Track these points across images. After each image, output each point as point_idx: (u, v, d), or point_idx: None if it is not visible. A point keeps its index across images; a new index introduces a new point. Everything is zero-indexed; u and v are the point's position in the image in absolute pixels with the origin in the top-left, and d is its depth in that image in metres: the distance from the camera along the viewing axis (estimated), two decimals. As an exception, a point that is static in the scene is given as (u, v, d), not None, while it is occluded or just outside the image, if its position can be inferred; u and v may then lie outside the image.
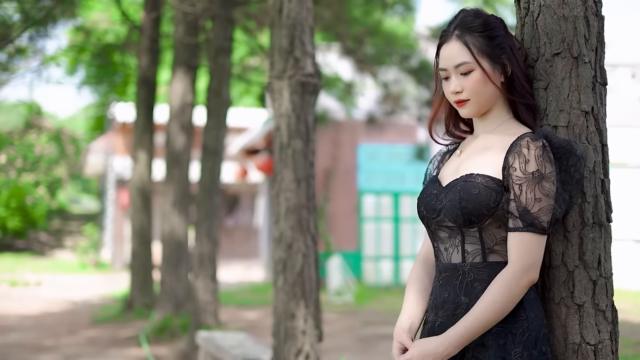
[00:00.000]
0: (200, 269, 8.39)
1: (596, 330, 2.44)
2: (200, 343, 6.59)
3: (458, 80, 2.30)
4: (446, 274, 2.29)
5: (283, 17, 4.64)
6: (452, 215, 2.23)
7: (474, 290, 2.22)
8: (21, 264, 22.74)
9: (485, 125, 2.37)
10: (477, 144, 2.36)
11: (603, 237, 2.48)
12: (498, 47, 2.31)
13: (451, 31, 2.32)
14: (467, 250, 2.24)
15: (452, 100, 2.35)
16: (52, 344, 9.34)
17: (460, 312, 2.22)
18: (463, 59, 2.28)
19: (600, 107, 2.51)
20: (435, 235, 2.34)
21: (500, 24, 2.36)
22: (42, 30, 10.44)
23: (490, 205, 2.18)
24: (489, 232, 2.22)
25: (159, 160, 14.39)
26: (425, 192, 2.38)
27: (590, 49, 2.49)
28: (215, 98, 8.34)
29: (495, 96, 2.33)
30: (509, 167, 2.19)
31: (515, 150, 2.19)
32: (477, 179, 2.22)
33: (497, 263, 2.22)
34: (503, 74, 2.32)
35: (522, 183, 2.17)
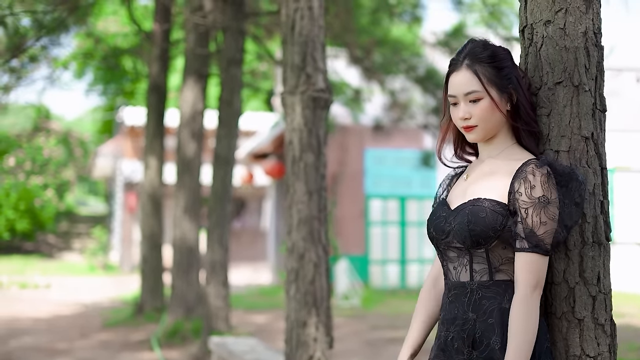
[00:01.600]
0: (212, 275, 8.55)
1: (595, 343, 2.58)
2: (213, 348, 6.75)
3: (467, 107, 2.43)
4: (455, 291, 2.43)
5: (295, 35, 4.79)
6: (460, 237, 2.37)
7: (482, 307, 2.36)
8: (30, 266, 22.93)
9: (490, 150, 2.50)
10: (482, 168, 2.50)
11: (602, 255, 2.62)
12: (505, 77, 2.45)
13: (461, 60, 2.45)
14: (475, 269, 2.39)
15: (460, 126, 2.48)
16: (65, 347, 9.51)
17: (468, 327, 2.36)
18: (473, 88, 2.42)
19: (599, 132, 2.66)
20: (444, 255, 2.48)
21: (507, 55, 2.51)
22: (55, 38, 10.62)
23: (496, 228, 2.32)
24: (496, 252, 2.36)
25: (169, 163, 14.59)
26: (435, 214, 2.52)
27: (590, 77, 2.63)
28: (227, 108, 8.51)
29: (501, 123, 2.47)
30: (515, 192, 2.33)
31: (521, 176, 2.33)
32: (484, 203, 2.36)
33: (503, 281, 2.37)
34: (509, 103, 2.46)
35: (529, 207, 2.31)
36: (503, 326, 2.33)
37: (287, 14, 4.83)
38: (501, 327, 2.33)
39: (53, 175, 29.54)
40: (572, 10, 2.63)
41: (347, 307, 13.41)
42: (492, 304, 2.36)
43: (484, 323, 2.35)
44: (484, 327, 2.34)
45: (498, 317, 2.34)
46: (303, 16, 4.78)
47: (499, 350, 2.31)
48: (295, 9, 4.80)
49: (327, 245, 4.79)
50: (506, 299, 2.36)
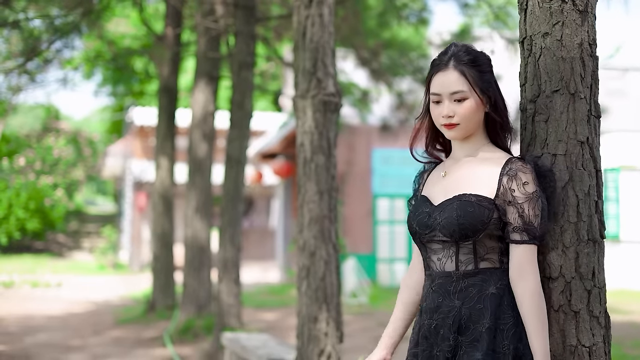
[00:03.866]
0: (224, 273, 8.75)
1: (591, 334, 2.76)
2: (226, 344, 6.93)
3: (452, 106, 2.57)
4: (440, 280, 2.58)
5: (306, 41, 4.97)
6: (448, 231, 2.52)
7: (468, 294, 2.52)
8: (41, 265, 23.13)
9: (467, 149, 2.66)
10: (461, 166, 2.64)
11: (597, 252, 2.80)
12: (487, 81, 2.62)
13: (446, 61, 2.60)
14: (461, 259, 2.54)
15: (440, 123, 2.61)
16: (79, 344, 9.71)
17: (453, 314, 2.51)
18: (460, 88, 2.57)
19: (594, 137, 2.83)
20: (427, 248, 2.63)
21: (488, 60, 2.69)
22: (68, 41, 10.82)
23: (484, 221, 2.49)
24: (482, 243, 2.53)
25: (180, 163, 14.79)
26: (417, 210, 2.67)
27: (585, 86, 2.81)
28: (238, 110, 8.70)
29: (479, 123, 2.64)
30: (508, 188, 2.50)
31: (510, 173, 2.51)
32: (471, 198, 2.51)
33: (487, 269, 2.54)
34: (488, 104, 2.63)
35: (524, 202, 2.49)
36: (491, 310, 2.49)
37: (299, 21, 5.00)
38: (489, 311, 2.48)
39: (63, 175, 29.75)
40: (568, 23, 2.81)
41: (355, 305, 13.58)
42: (478, 291, 2.51)
43: (470, 309, 2.50)
44: (470, 313, 2.49)
45: (486, 302, 2.49)
46: (314, 23, 4.96)
47: (485, 331, 2.46)
48: (306, 16, 4.98)
49: (337, 243, 4.97)
50: (492, 285, 2.52)
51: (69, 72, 14.56)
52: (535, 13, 2.86)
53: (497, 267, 2.55)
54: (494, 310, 2.49)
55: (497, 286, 2.52)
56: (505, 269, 2.57)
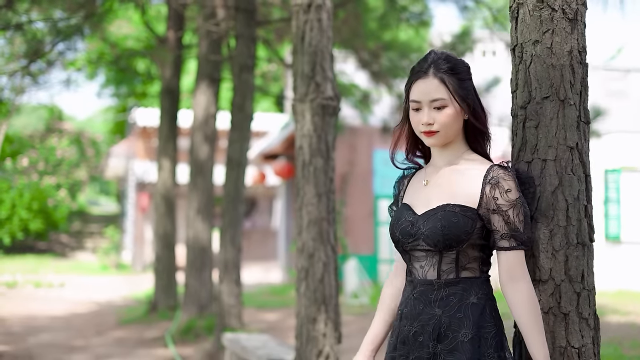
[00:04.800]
0: (225, 274, 8.81)
1: (580, 336, 2.82)
2: (226, 344, 7.00)
3: (431, 113, 2.57)
4: (421, 288, 2.59)
5: (305, 45, 5.04)
6: (432, 241, 2.52)
7: (449, 303, 2.53)
8: (44, 265, 23.22)
9: (447, 157, 2.66)
10: (443, 175, 2.65)
11: (586, 255, 2.86)
12: (466, 89, 2.62)
13: (426, 69, 2.59)
14: (443, 268, 2.55)
15: (420, 130, 2.61)
16: (82, 344, 9.78)
17: (433, 322, 2.53)
18: (440, 96, 2.56)
19: (584, 142, 2.89)
20: (410, 255, 2.63)
21: (467, 68, 2.69)
22: (71, 43, 10.90)
23: (468, 231, 2.50)
24: (465, 253, 2.54)
25: (182, 163, 14.85)
26: (400, 218, 2.66)
27: (575, 92, 2.87)
28: (239, 112, 8.76)
29: (458, 130, 2.64)
30: (492, 197, 2.51)
31: (492, 182, 2.52)
32: (455, 209, 2.52)
33: (468, 278, 2.56)
34: (468, 112, 2.63)
35: (508, 209, 2.51)
36: (472, 320, 2.50)
37: (298, 26, 5.07)
38: (470, 321, 2.50)
39: (66, 175, 29.85)
40: (558, 31, 2.87)
41: (357, 305, 13.63)
42: (459, 300, 2.53)
43: (450, 318, 2.51)
44: (451, 322, 2.51)
45: (467, 311, 2.51)
46: (312, 28, 5.03)
47: (468, 342, 2.48)
48: (305, 21, 5.05)
49: (335, 245, 5.03)
50: (472, 294, 2.54)
51: (72, 73, 14.67)
52: (526, 21, 2.92)
53: (478, 277, 2.57)
54: (476, 320, 2.50)
55: (478, 295, 2.54)
56: (485, 278, 2.59)
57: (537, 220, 2.85)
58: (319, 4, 5.04)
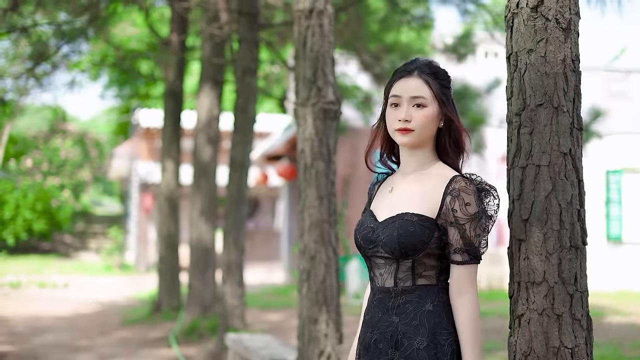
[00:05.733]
0: (228, 275, 8.89)
1: (573, 336, 2.90)
2: (230, 344, 7.08)
3: (410, 110, 2.57)
4: (380, 296, 2.60)
5: (307, 51, 5.11)
6: (389, 248, 2.53)
7: (405, 310, 2.55)
8: (48, 265, 23.30)
9: (414, 164, 2.66)
10: (408, 182, 2.65)
11: (579, 258, 2.94)
12: (447, 96, 2.64)
13: (411, 70, 2.62)
14: (399, 276, 2.56)
15: (396, 127, 2.59)
16: (86, 344, 9.87)
17: (391, 329, 2.54)
18: (422, 93, 2.58)
19: (577, 148, 2.97)
20: (371, 262, 2.64)
21: (449, 77, 2.69)
22: (75, 46, 11.00)
23: (424, 241, 2.50)
24: (421, 261, 2.54)
25: (185, 164, 14.94)
26: (363, 225, 2.67)
27: (568, 100, 2.95)
28: (242, 115, 8.84)
29: (431, 136, 2.64)
30: (451, 209, 2.51)
31: (453, 193, 2.51)
32: (413, 218, 2.52)
33: (424, 285, 2.56)
34: (442, 120, 2.64)
35: (466, 223, 2.50)
36: (428, 327, 2.51)
37: (300, 31, 5.15)
38: (426, 328, 2.50)
39: (69, 176, 29.95)
40: (552, 40, 2.95)
41: (358, 306, 13.68)
42: (415, 308, 2.53)
43: (406, 325, 2.52)
44: (406, 329, 2.51)
45: (422, 319, 2.51)
46: (314, 33, 5.10)
47: (423, 349, 2.49)
48: (306, 26, 5.12)
49: (336, 246, 5.11)
50: (428, 302, 2.54)
51: (76, 75, 14.74)
52: (520, 30, 3.00)
53: (434, 284, 2.57)
54: (431, 328, 2.51)
55: (434, 303, 2.55)
56: (443, 286, 2.58)
57: (532, 224, 2.93)
58: (320, 10, 5.12)
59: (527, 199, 2.95)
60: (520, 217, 2.97)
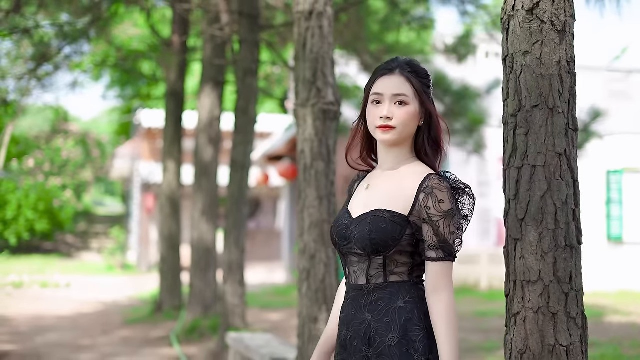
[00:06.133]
0: (229, 275, 8.94)
1: (568, 334, 2.94)
2: (230, 343, 7.12)
3: (392, 108, 2.57)
4: (353, 293, 2.61)
5: (307, 52, 5.15)
6: (361, 245, 2.53)
7: (377, 307, 2.55)
8: (50, 265, 23.36)
9: (391, 161, 2.66)
10: (383, 180, 2.65)
11: (574, 257, 2.98)
12: (427, 95, 2.65)
13: (393, 68, 2.63)
14: (371, 273, 2.56)
15: (377, 124, 2.59)
16: (89, 343, 9.92)
17: (364, 327, 2.55)
18: (404, 91, 2.59)
19: (572, 149, 3.01)
20: (346, 259, 2.64)
21: (429, 77, 2.71)
22: (77, 47, 11.05)
23: (395, 237, 2.51)
24: (392, 258, 2.54)
25: (186, 164, 14.98)
26: (338, 221, 2.68)
27: (563, 101, 2.99)
28: (243, 116, 8.89)
29: (411, 134, 2.64)
30: (424, 206, 2.51)
31: (427, 191, 2.52)
32: (385, 214, 2.52)
33: (396, 282, 2.56)
34: (423, 119, 2.65)
35: (439, 220, 2.50)
36: (399, 323, 2.51)
37: (299, 33, 5.19)
38: (398, 324, 2.51)
39: (71, 176, 30.03)
40: (547, 42, 2.99)
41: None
42: (387, 304, 2.53)
43: (379, 322, 2.52)
44: (379, 326, 2.52)
45: (394, 316, 2.52)
46: (314, 35, 5.14)
47: (395, 346, 2.49)
48: (306, 28, 5.16)
49: (336, 246, 5.14)
50: (400, 298, 2.54)
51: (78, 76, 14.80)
52: (516, 33, 3.04)
53: (406, 281, 2.57)
54: (402, 324, 2.51)
55: (405, 300, 2.54)
56: (415, 283, 2.59)
57: (527, 224, 2.97)
58: (320, 12, 5.16)
59: (523, 198, 3.00)
60: (516, 216, 3.01)
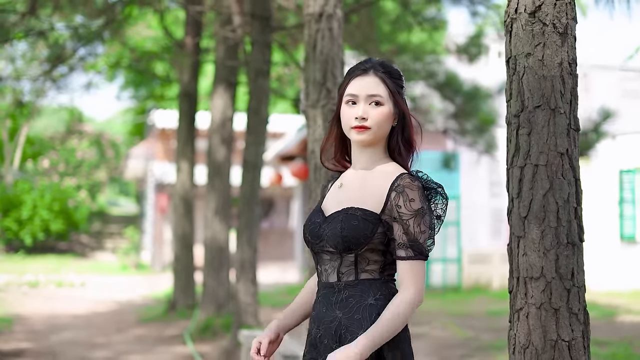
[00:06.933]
0: (241, 273, 9.03)
1: (570, 330, 3.00)
2: (243, 340, 7.20)
3: (366, 108, 2.58)
4: (324, 291, 2.61)
5: (317, 53, 5.24)
6: (333, 242, 2.55)
7: (348, 304, 2.56)
8: (65, 265, 23.52)
9: (365, 162, 2.66)
10: (356, 179, 2.66)
11: (576, 254, 3.05)
12: (401, 95, 2.67)
13: (367, 68, 2.63)
14: (342, 271, 2.57)
15: (352, 125, 2.59)
16: (103, 341, 10.04)
17: (335, 324, 2.55)
18: (379, 92, 2.59)
19: (573, 148, 3.08)
20: (318, 258, 2.65)
21: (402, 77, 2.72)
22: (92, 49, 11.18)
23: (367, 235, 2.52)
24: (364, 256, 2.55)
25: (200, 165, 15.09)
26: (310, 220, 2.68)
27: (565, 102, 3.06)
28: (255, 116, 8.98)
29: (385, 135, 2.65)
30: (395, 205, 2.52)
31: (398, 189, 2.53)
32: (357, 212, 2.54)
33: (367, 280, 2.57)
34: (396, 120, 2.66)
35: (409, 219, 2.50)
36: (370, 320, 2.50)
37: (310, 34, 5.27)
38: (368, 321, 2.50)
39: (86, 176, 30.28)
40: (549, 44, 3.06)
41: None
42: (357, 302, 2.54)
43: (349, 319, 2.52)
44: (349, 324, 2.52)
45: (365, 313, 2.52)
46: (324, 36, 5.23)
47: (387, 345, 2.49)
48: (316, 29, 5.25)
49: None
50: (370, 296, 2.55)
51: (92, 76, 14.95)
52: (519, 35, 3.11)
53: (377, 279, 2.58)
54: (373, 320, 2.50)
55: (375, 297, 2.55)
56: (386, 280, 2.59)
57: (530, 222, 3.04)
58: (330, 14, 5.24)
59: (526, 197, 3.07)
60: (519, 214, 3.09)
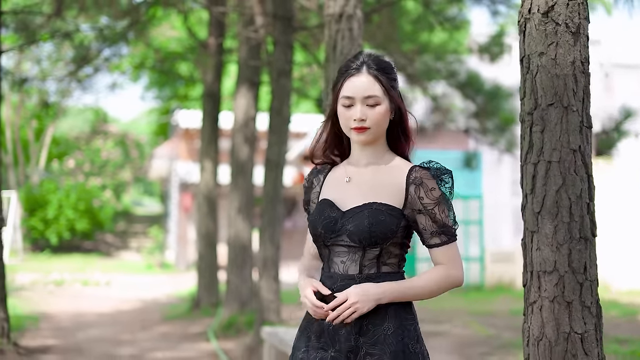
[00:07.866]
0: (264, 271, 9.14)
1: (582, 322, 3.08)
2: (265, 337, 7.30)
3: (364, 109, 2.60)
4: (342, 283, 2.60)
5: (337, 54, 5.34)
6: (358, 237, 2.57)
7: None
8: (90, 264, 23.75)
9: (368, 155, 2.68)
10: (367, 173, 2.68)
11: (588, 248, 3.12)
12: (395, 90, 2.68)
13: (359, 66, 2.63)
14: (364, 264, 2.59)
15: (351, 126, 2.62)
16: (129, 338, 10.18)
17: None
18: (374, 93, 2.61)
19: (586, 145, 3.15)
20: (330, 250, 2.66)
21: (395, 69, 2.74)
22: (117, 49, 11.35)
23: (393, 230, 2.57)
24: (387, 249, 2.61)
25: (223, 164, 15.23)
26: (322, 214, 2.67)
27: (577, 100, 3.14)
28: (277, 116, 9.07)
29: (384, 130, 2.68)
30: (417, 197, 2.58)
31: (416, 182, 2.59)
32: (382, 207, 2.58)
33: (388, 273, 2.61)
34: (393, 113, 2.69)
35: (434, 207, 2.58)
36: (393, 313, 2.57)
37: (330, 35, 5.37)
38: (392, 314, 2.56)
39: (111, 176, 30.56)
40: (562, 43, 3.14)
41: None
42: None
43: (372, 311, 2.55)
44: (372, 315, 2.55)
45: (387, 305, 2.57)
46: (344, 37, 5.32)
47: (391, 335, 2.55)
48: (336, 30, 5.35)
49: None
50: None
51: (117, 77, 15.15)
52: (532, 35, 3.19)
53: (397, 272, 2.63)
54: (395, 313, 2.57)
55: None
56: (402, 273, 2.66)
57: (543, 217, 3.12)
58: (350, 14, 5.34)
59: (539, 193, 3.15)
60: (533, 210, 3.17)
